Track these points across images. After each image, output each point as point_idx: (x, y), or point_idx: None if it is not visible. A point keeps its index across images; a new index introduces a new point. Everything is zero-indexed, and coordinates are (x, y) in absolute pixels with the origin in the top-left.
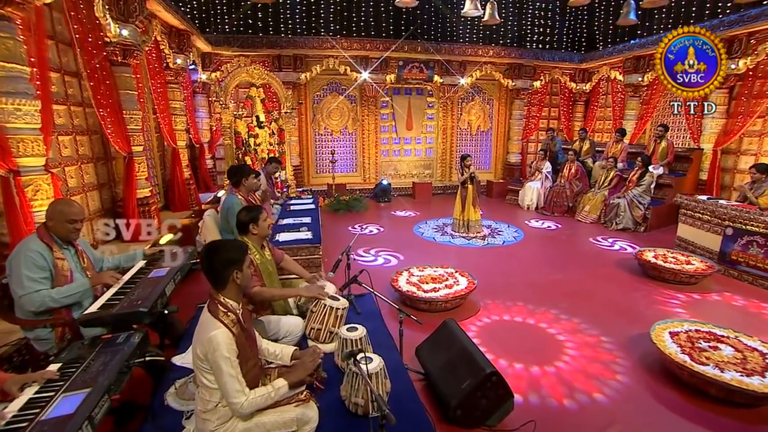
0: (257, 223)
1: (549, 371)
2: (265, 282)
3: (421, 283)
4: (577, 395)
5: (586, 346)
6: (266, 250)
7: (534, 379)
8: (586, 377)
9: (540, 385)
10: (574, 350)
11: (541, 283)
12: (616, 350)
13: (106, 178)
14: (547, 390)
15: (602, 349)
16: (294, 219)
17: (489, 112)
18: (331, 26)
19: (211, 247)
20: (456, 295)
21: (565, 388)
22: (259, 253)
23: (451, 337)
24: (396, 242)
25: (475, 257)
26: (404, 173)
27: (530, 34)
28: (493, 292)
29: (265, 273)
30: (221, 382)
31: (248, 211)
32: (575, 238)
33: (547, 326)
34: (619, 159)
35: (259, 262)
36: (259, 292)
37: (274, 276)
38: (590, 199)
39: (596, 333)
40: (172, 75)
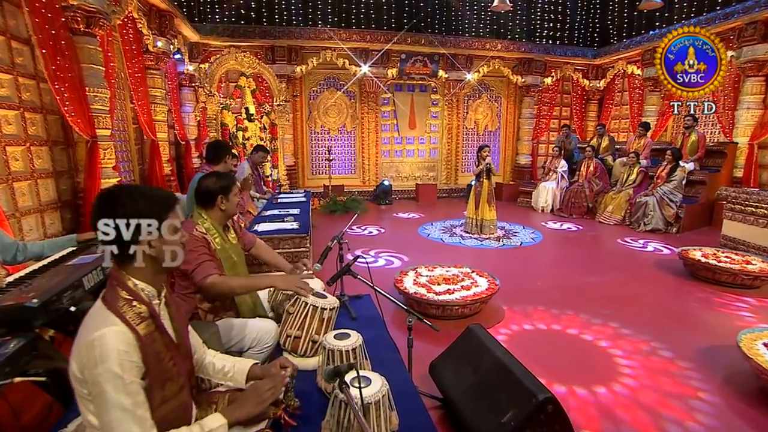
0: (228, 197)
1: (616, 391)
2: (228, 272)
3: (431, 284)
4: (667, 425)
5: (644, 359)
6: (231, 233)
7: (596, 404)
8: (663, 397)
9: (610, 413)
10: (632, 366)
11: (574, 286)
12: (687, 365)
13: (66, 166)
14: (622, 417)
15: (667, 363)
16: (280, 210)
17: (497, 111)
18: (329, 18)
19: (112, 193)
20: (476, 298)
21: (645, 415)
22: (220, 235)
23: (479, 348)
24: (399, 243)
25: (492, 258)
26: (406, 175)
27: (540, 28)
28: (518, 295)
29: (227, 262)
30: (104, 420)
31: (219, 178)
32: (601, 239)
33: (592, 337)
34: (642, 155)
35: (218, 247)
36: (217, 283)
37: (240, 267)
38: (613, 199)
39: (655, 344)
40: (152, 60)
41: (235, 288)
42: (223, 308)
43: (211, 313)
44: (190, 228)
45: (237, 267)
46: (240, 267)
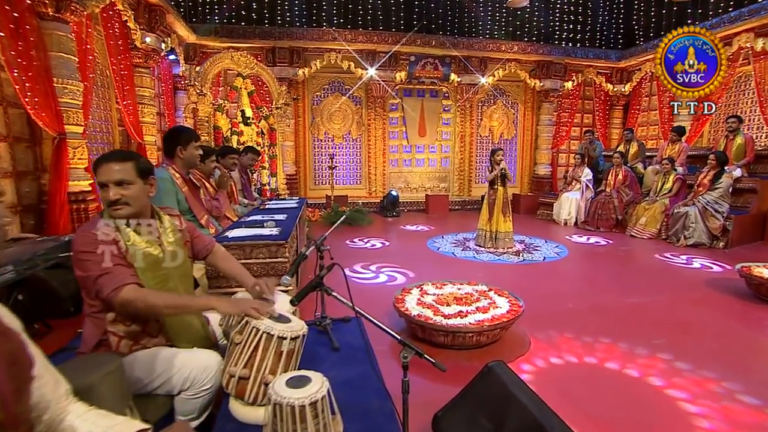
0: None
1: None
2: (152, 284)
3: (439, 305)
4: None
5: (720, 406)
6: (167, 232)
7: None
8: None
9: None
10: (706, 416)
11: (613, 309)
12: None
13: (32, 166)
14: None
15: (755, 412)
16: (265, 216)
17: (513, 118)
18: (333, 20)
19: None
20: (495, 323)
21: None
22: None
23: (503, 395)
24: (405, 257)
25: (511, 275)
26: (416, 186)
27: (560, 29)
28: (545, 319)
29: (152, 272)
30: None
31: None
32: (635, 254)
33: (639, 372)
34: (678, 161)
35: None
36: (133, 298)
37: (176, 280)
38: (646, 210)
39: (728, 385)
40: (141, 57)
41: (156, 306)
42: (146, 333)
43: (128, 339)
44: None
45: (170, 280)
46: (176, 280)
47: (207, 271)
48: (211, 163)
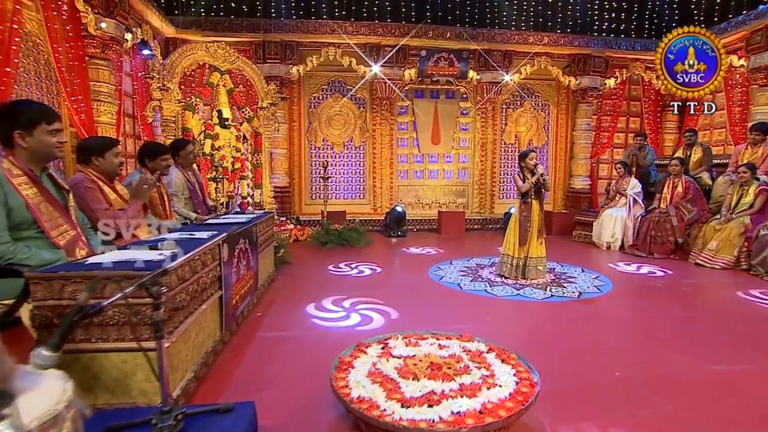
0: None
1: None
2: None
3: (401, 379)
4: None
5: None
6: None
7: None
8: None
9: None
10: None
11: (688, 383)
12: None
13: None
14: None
15: None
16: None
17: (544, 122)
18: (335, 12)
19: None
20: (487, 420)
21: None
22: None
23: None
24: (394, 289)
25: (530, 319)
26: (428, 201)
27: (599, 18)
28: (577, 399)
29: None
30: None
31: None
32: (708, 291)
33: None
34: (761, 168)
35: None
36: None
37: None
38: (717, 231)
39: None
40: (96, 46)
41: None
42: None
43: None
44: None
45: None
46: None
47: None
48: (161, 161)
